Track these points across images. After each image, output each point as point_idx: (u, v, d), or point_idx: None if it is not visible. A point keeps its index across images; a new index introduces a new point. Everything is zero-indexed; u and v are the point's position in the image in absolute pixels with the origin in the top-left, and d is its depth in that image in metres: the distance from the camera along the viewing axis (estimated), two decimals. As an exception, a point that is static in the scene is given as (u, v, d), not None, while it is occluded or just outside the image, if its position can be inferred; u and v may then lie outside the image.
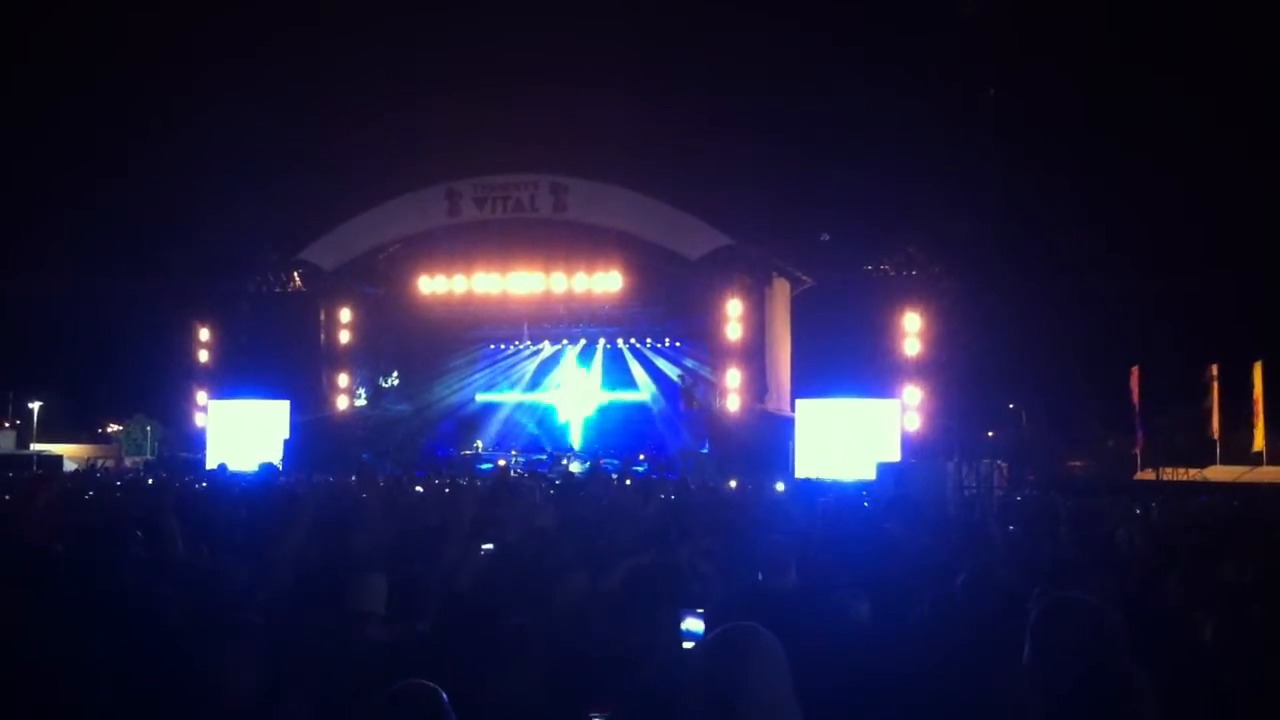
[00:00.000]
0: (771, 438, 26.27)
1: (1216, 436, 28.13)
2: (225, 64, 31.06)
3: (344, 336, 30.55)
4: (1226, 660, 4.28)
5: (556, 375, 32.89)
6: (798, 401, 26.75)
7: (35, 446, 34.53)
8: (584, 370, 32.57)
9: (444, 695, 3.09)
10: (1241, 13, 28.93)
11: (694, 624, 3.92)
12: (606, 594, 5.30)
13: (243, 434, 27.84)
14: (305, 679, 4.03)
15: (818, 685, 3.06)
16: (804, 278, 28.00)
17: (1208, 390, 28.51)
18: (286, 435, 27.70)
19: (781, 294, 28.28)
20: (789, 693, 2.82)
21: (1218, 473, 24.89)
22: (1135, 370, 29.08)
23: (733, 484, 17.71)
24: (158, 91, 32.11)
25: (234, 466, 18.22)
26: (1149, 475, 25.75)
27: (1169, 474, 25.04)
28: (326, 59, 32.60)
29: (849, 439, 24.83)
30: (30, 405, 41.71)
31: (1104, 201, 31.83)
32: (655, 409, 31.85)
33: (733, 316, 27.33)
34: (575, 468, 26.56)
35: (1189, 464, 25.19)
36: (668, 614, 4.11)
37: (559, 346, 32.53)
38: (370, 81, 31.81)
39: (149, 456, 33.64)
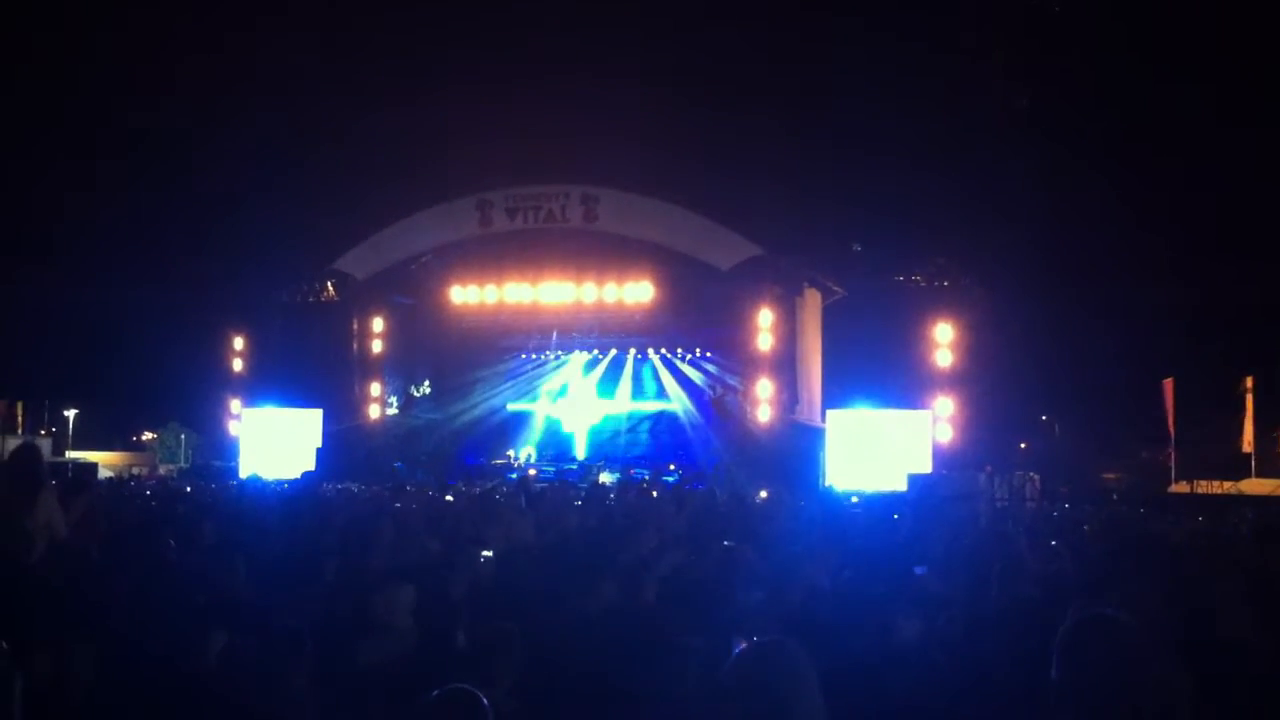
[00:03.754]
0: (802, 448, 26.21)
1: (1250, 449, 27.84)
2: (259, 75, 31.27)
3: (376, 345, 30.72)
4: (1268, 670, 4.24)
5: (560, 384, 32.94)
6: (828, 412, 26.61)
7: (70, 454, 34.85)
8: (588, 379, 32.61)
9: (485, 700, 3.14)
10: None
11: None
12: (632, 604, 5.30)
13: (276, 442, 28.07)
14: (339, 687, 4.08)
15: (848, 699, 3.07)
16: (835, 288, 27.88)
17: (1242, 402, 28.24)
18: (319, 444, 27.85)
19: (813, 304, 28.15)
20: (819, 706, 2.83)
21: (1252, 485, 24.64)
22: (1169, 382, 28.82)
23: (763, 495, 17.58)
24: (192, 102, 32.39)
25: (267, 475, 18.37)
26: (1183, 488, 25.55)
27: (1203, 487, 24.85)
28: (360, 70, 32.83)
29: (880, 450, 24.74)
30: (66, 413, 42.20)
31: (1137, 212, 31.57)
32: (685, 419, 31.81)
33: (763, 327, 27.28)
34: (606, 478, 26.57)
35: (1223, 476, 24.97)
36: (697, 626, 4.11)
37: (591, 355, 32.56)
38: (403, 92, 31.94)
39: (182, 464, 33.94)
